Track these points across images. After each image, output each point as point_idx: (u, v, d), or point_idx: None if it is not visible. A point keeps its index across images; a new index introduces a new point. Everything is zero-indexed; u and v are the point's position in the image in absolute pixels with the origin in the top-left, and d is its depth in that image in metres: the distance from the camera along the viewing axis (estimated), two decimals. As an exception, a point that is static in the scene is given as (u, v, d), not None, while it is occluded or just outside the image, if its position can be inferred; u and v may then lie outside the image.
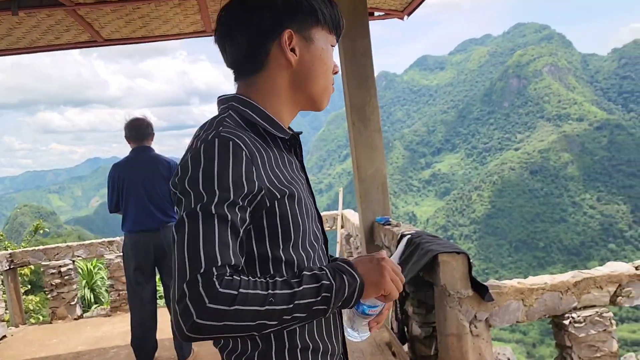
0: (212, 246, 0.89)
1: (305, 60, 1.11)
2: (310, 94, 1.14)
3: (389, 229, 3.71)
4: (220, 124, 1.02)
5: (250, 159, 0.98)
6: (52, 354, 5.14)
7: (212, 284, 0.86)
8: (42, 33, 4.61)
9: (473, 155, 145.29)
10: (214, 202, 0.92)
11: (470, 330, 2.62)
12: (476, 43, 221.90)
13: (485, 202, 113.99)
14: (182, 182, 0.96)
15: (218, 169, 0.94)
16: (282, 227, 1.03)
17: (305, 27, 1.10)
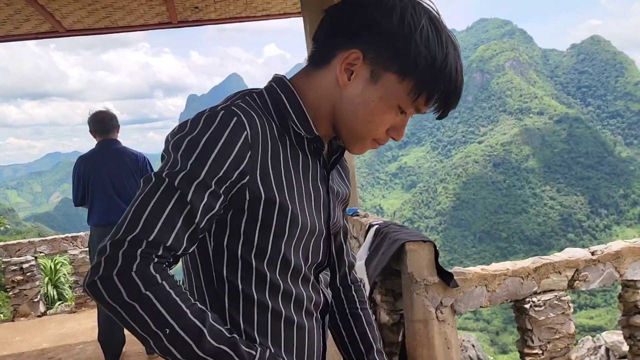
0: (156, 218, 0.80)
1: (353, 94, 0.92)
2: (343, 127, 0.96)
3: (357, 220, 3.77)
4: (239, 98, 0.92)
5: (250, 143, 0.86)
6: (15, 352, 5.03)
7: (134, 255, 0.77)
8: (1, 23, 4.48)
9: (438, 149, 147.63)
10: (182, 174, 0.82)
11: (437, 316, 2.70)
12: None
13: (450, 195, 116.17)
14: (169, 141, 0.88)
15: (206, 141, 0.84)
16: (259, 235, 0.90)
17: (381, 63, 0.89)
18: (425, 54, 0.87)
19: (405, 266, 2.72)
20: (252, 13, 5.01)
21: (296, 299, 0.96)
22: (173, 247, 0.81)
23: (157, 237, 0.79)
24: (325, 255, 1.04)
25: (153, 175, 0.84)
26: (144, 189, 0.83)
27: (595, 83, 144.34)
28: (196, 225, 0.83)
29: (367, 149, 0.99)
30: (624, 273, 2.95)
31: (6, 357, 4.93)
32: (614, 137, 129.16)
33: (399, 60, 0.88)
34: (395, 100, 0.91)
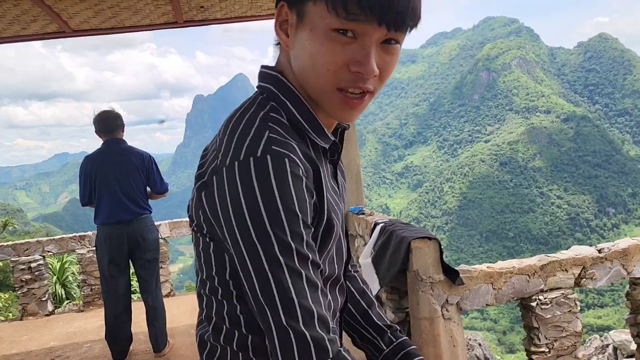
0: (308, 297, 0.77)
1: (297, 48, 0.83)
2: (314, 95, 0.86)
3: (363, 218, 3.77)
4: (266, 126, 0.82)
5: (306, 176, 0.80)
6: (23, 350, 5.07)
7: (327, 343, 0.77)
8: (8, 23, 4.50)
9: (444, 148, 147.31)
10: (288, 238, 0.77)
11: (442, 314, 2.70)
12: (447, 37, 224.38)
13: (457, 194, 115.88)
14: (229, 203, 0.78)
15: (281, 198, 0.76)
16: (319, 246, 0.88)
17: (300, 2, 0.81)
18: None
19: (410, 264, 2.72)
20: (258, 12, 5.01)
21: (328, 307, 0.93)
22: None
23: (323, 314, 0.79)
24: (347, 250, 1.03)
25: (264, 261, 0.77)
26: (263, 278, 0.78)
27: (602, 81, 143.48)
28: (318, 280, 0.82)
29: (349, 108, 0.84)
30: (632, 271, 2.93)
31: (14, 355, 4.97)
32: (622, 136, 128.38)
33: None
34: (323, 26, 0.78)
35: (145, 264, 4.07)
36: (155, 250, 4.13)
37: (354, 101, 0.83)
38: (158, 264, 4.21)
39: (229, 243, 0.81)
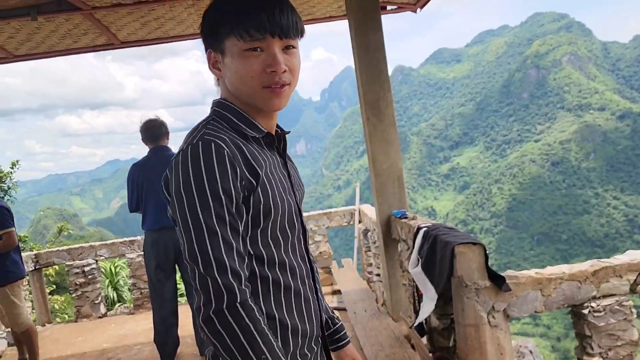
0: (230, 253, 1.05)
1: (227, 75, 1.18)
2: (247, 98, 1.19)
3: (406, 222, 3.72)
4: (205, 127, 1.14)
5: (232, 156, 1.07)
6: (78, 352, 5.26)
7: (235, 289, 1.03)
8: (61, 37, 4.71)
9: (492, 148, 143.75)
10: (213, 206, 1.04)
11: (488, 321, 2.62)
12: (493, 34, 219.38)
13: (506, 195, 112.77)
14: (173, 183, 1.08)
15: (209, 171, 1.05)
16: (252, 219, 1.12)
17: (218, 43, 1.16)
18: (219, 13, 1.15)
19: (454, 269, 2.66)
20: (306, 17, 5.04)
21: (291, 268, 1.19)
22: (244, 271, 1.08)
23: (237, 271, 1.06)
24: (300, 224, 1.24)
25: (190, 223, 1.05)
26: (191, 236, 1.05)
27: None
28: (241, 234, 1.10)
29: (275, 97, 1.16)
30: (693, 277, 2.76)
31: (70, 356, 5.17)
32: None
33: (217, 31, 1.15)
34: (237, 50, 1.13)
35: (191, 268, 4.15)
36: (200, 255, 4.20)
37: (278, 90, 1.15)
38: (203, 269, 4.28)
39: (175, 210, 1.07)
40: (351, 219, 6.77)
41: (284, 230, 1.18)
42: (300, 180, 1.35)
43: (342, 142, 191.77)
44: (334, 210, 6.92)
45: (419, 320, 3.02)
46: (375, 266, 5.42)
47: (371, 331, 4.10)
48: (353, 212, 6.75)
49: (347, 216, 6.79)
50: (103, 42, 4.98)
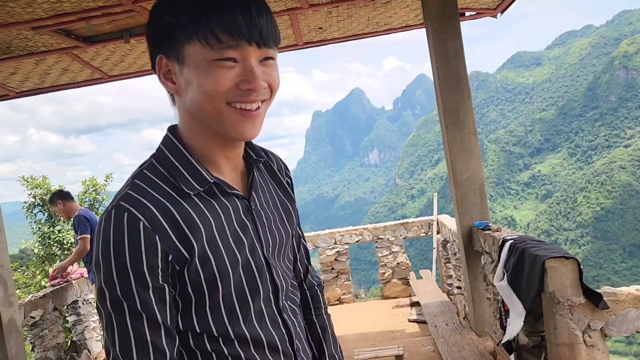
0: (124, 347, 0.84)
1: (187, 90, 0.90)
2: (212, 124, 0.92)
3: (489, 234, 3.59)
4: (132, 182, 0.92)
5: (150, 230, 0.86)
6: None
7: None
8: (136, 58, 5.00)
9: (577, 155, 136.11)
10: (108, 294, 0.85)
11: (584, 340, 2.47)
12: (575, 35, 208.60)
13: (593, 204, 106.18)
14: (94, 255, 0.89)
15: (114, 248, 0.84)
16: (194, 293, 0.90)
17: (176, 49, 0.89)
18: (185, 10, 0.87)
19: (545, 285, 2.54)
20: (375, 29, 5.05)
21: (255, 341, 0.95)
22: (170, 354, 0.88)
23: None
24: (269, 282, 0.99)
25: (107, 304, 0.86)
26: (107, 313, 0.86)
27: None
28: (163, 325, 0.87)
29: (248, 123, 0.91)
30: None
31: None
32: None
33: (177, 31, 0.88)
34: (204, 60, 0.87)
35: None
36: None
37: (252, 113, 0.90)
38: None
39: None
40: (429, 229, 6.65)
41: (242, 298, 0.94)
42: (281, 216, 1.08)
43: (416, 151, 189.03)
44: (412, 220, 6.82)
45: (507, 337, 2.90)
46: (456, 278, 5.28)
47: (454, 346, 3.98)
48: (431, 223, 6.62)
49: (424, 227, 6.68)
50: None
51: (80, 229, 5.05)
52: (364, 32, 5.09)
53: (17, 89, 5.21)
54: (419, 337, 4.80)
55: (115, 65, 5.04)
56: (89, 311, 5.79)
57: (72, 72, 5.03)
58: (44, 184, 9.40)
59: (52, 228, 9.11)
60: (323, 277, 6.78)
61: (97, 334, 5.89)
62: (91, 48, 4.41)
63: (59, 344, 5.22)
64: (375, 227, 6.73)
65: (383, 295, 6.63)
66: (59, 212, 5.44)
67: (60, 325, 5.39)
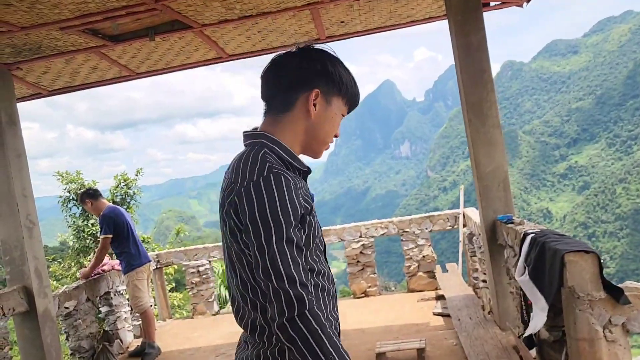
0: (298, 269, 1.21)
1: (320, 116, 1.41)
2: (315, 143, 1.44)
3: (512, 228, 3.55)
4: (266, 160, 1.29)
5: (296, 188, 1.26)
6: (194, 346, 5.64)
7: (305, 299, 1.18)
8: (176, 54, 5.10)
9: (616, 145, 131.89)
10: (285, 230, 1.21)
11: (605, 335, 2.43)
12: (615, 21, 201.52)
13: (633, 196, 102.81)
14: (247, 211, 1.23)
15: (281, 200, 1.22)
16: (305, 236, 1.29)
17: (329, 92, 1.41)
18: (347, 81, 1.43)
19: (564, 279, 2.50)
20: (397, 21, 5.02)
21: (328, 275, 1.40)
22: (307, 280, 1.24)
23: (304, 279, 1.22)
24: (322, 241, 1.43)
25: (264, 243, 1.21)
26: (264, 255, 1.21)
27: None
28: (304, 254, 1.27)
29: (323, 153, 1.49)
30: None
31: (187, 350, 5.56)
32: None
33: (340, 87, 1.42)
34: (339, 111, 1.45)
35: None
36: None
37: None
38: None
39: (245, 244, 1.26)
40: (455, 222, 6.59)
41: (321, 247, 1.41)
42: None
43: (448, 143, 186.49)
44: (437, 213, 6.77)
45: (529, 332, 2.87)
46: (481, 272, 5.23)
47: (476, 340, 3.96)
48: (457, 216, 6.56)
49: (451, 220, 6.62)
50: (213, 56, 5.30)
51: (104, 229, 5.19)
52: (387, 25, 5.07)
53: (49, 87, 5.39)
54: (443, 331, 4.78)
55: (141, 62, 5.16)
56: (121, 302, 5.98)
57: (100, 70, 5.17)
58: (78, 179, 9.72)
59: (85, 222, 9.41)
60: (349, 269, 6.81)
61: (128, 324, 6.08)
62: (118, 46, 4.52)
63: (92, 334, 5.41)
64: (401, 220, 6.71)
65: (409, 288, 6.61)
66: (89, 210, 5.58)
67: (94, 315, 5.58)
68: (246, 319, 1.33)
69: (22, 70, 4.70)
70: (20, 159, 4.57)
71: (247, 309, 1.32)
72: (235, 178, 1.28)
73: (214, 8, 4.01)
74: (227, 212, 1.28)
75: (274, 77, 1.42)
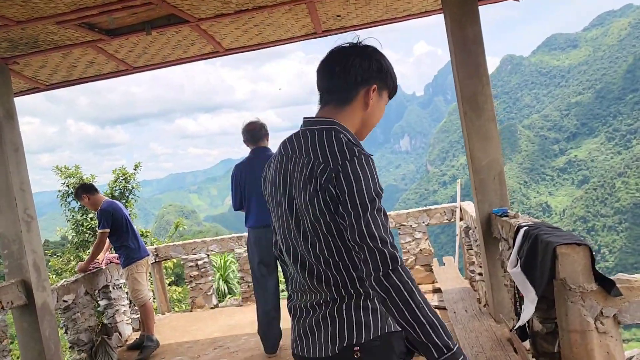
0: (387, 232, 1.42)
1: (374, 106, 1.64)
2: (365, 129, 1.68)
3: (506, 221, 3.57)
4: (350, 143, 1.50)
5: (375, 167, 1.49)
6: (192, 339, 5.68)
7: (396, 256, 1.40)
8: (172, 49, 5.09)
9: (615, 139, 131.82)
10: (377, 201, 1.43)
11: (596, 327, 2.46)
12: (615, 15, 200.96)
13: (632, 190, 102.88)
14: (346, 187, 1.43)
15: (372, 178, 1.45)
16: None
17: (382, 87, 1.65)
18: (394, 76, 1.67)
19: (556, 271, 2.52)
20: (394, 15, 5.02)
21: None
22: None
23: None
24: None
25: (361, 211, 1.42)
26: (369, 220, 1.42)
27: None
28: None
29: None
30: None
31: (185, 342, 5.59)
32: None
33: (389, 82, 1.67)
34: (385, 101, 1.69)
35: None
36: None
37: None
38: (303, 265, 4.43)
39: (346, 211, 1.43)
40: (452, 216, 6.61)
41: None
42: None
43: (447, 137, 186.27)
44: (434, 207, 6.80)
45: (519, 324, 2.90)
46: (478, 265, 5.26)
47: (471, 332, 3.99)
48: (454, 210, 6.58)
49: (447, 213, 6.64)
50: (209, 50, 5.30)
51: (102, 224, 5.18)
52: (383, 19, 5.06)
53: (47, 81, 5.39)
54: (439, 324, 4.81)
55: (138, 56, 5.16)
56: (120, 295, 6.01)
57: (98, 64, 5.17)
58: (77, 173, 9.73)
59: (84, 216, 9.43)
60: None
61: (127, 317, 6.11)
62: (114, 41, 4.52)
63: (90, 327, 5.44)
64: (398, 213, 6.74)
65: (406, 281, 6.64)
66: (85, 205, 5.54)
67: (92, 308, 5.61)
68: (325, 279, 1.52)
69: (19, 64, 4.70)
70: (18, 153, 4.58)
71: (329, 270, 1.52)
72: (324, 157, 1.47)
73: (210, 2, 4.01)
74: (322, 187, 1.45)
75: (338, 72, 1.59)
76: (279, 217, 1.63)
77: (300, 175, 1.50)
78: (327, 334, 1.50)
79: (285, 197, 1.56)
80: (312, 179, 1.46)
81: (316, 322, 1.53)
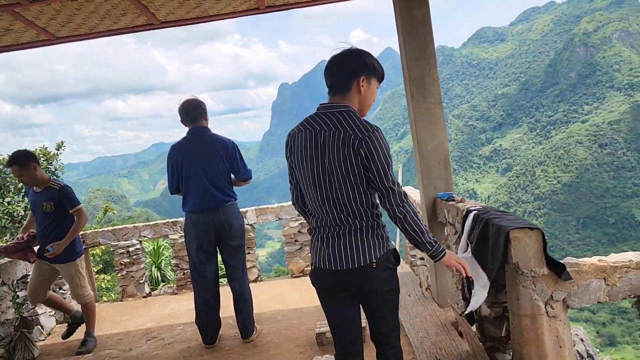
0: (396, 180, 2.15)
1: (366, 92, 2.26)
2: (365, 107, 2.30)
3: (453, 205, 3.54)
4: (366, 121, 2.16)
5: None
6: (123, 330, 5.34)
7: (405, 194, 2.18)
8: (101, 18, 4.67)
9: (537, 130, 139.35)
10: (390, 161, 2.15)
11: (546, 311, 2.45)
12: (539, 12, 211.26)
13: (550, 178, 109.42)
14: (375, 152, 2.09)
15: (387, 145, 2.14)
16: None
17: (370, 77, 2.25)
18: (378, 67, 2.27)
19: (509, 256, 2.49)
20: (340, -7, 4.85)
21: None
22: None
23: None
24: None
25: (383, 168, 2.12)
26: (388, 172, 2.14)
27: None
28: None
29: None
30: None
31: (115, 335, 5.25)
32: None
33: (374, 72, 2.27)
34: (375, 85, 2.30)
35: (232, 250, 4.10)
36: (240, 237, 4.14)
37: None
38: (244, 251, 4.23)
39: (375, 167, 2.10)
40: (393, 201, 6.60)
41: None
42: None
43: (382, 125, 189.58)
44: (376, 192, 6.76)
45: (470, 309, 2.86)
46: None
47: (416, 317, 3.96)
48: (395, 195, 6.57)
49: (389, 199, 6.62)
50: (143, 22, 4.91)
51: (76, 199, 4.52)
52: (329, -3, 4.89)
53: (-45, 49, 4.82)
54: (382, 309, 4.76)
55: (62, 25, 4.70)
56: (41, 286, 5.54)
57: (15, 32, 4.66)
58: (-11, 154, 8.88)
59: (1, 199, 8.66)
60: (286, 248, 6.69)
61: (49, 309, 5.66)
62: (34, 5, 4.06)
63: (8, 320, 4.99)
64: (339, 199, 6.65)
65: (346, 267, 6.58)
66: (26, 177, 4.48)
67: (10, 300, 5.14)
68: (352, 213, 2.16)
69: None
70: None
71: (355, 207, 2.16)
72: (352, 130, 2.10)
73: (145, -33, 3.67)
74: (354, 151, 2.07)
75: (336, 72, 2.22)
76: (311, 176, 2.20)
77: (334, 143, 2.11)
78: (354, 253, 2.16)
79: (320, 159, 2.15)
80: (345, 145, 2.09)
81: (344, 245, 2.17)
